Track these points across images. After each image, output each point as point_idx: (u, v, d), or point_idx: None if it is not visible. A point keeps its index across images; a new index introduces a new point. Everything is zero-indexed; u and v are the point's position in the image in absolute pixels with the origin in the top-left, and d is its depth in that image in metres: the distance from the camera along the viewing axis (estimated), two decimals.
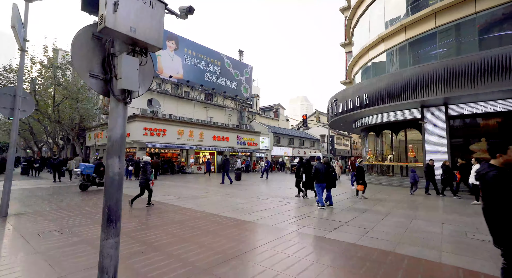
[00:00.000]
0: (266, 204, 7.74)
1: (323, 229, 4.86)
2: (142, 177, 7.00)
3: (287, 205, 7.63)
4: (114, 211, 2.12)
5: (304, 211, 6.73)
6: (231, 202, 8.03)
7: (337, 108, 16.26)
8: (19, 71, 5.78)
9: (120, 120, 2.19)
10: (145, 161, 7.25)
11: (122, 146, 2.20)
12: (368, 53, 16.43)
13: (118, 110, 2.20)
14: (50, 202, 7.55)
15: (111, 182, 2.12)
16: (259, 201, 8.31)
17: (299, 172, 9.14)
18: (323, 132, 46.30)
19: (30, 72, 17.33)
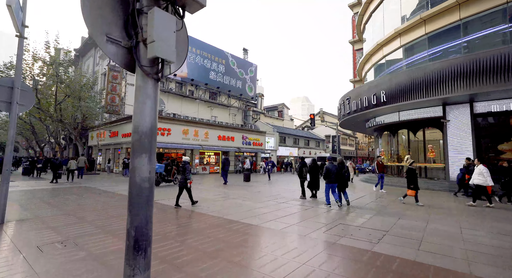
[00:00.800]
0: (285, 208, 7.10)
1: (365, 240, 4.22)
2: (182, 177, 7.05)
3: (309, 210, 6.98)
4: (144, 234, 1.49)
5: (332, 216, 6.08)
6: (248, 206, 7.39)
7: (350, 107, 15.60)
8: (17, 60, 5.17)
9: (150, 103, 1.57)
10: (185, 160, 7.27)
11: (153, 140, 1.57)
12: (382, 49, 15.76)
13: (147, 90, 1.57)
14: (53, 206, 6.93)
15: (139, 193, 1.49)
16: (277, 204, 7.66)
17: (302, 173, 8.93)
18: (328, 132, 45.62)
19: (32, 69, 16.76)
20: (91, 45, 33.91)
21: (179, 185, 7.13)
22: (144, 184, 1.50)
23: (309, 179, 8.50)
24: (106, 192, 9.93)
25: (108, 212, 6.18)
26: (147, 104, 1.55)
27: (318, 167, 8.63)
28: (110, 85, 21.42)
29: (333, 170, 7.39)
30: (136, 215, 1.46)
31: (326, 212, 6.66)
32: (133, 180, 1.49)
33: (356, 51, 25.00)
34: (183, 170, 7.05)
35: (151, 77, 1.58)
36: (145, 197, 1.50)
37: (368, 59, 18.03)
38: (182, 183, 7.06)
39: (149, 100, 1.57)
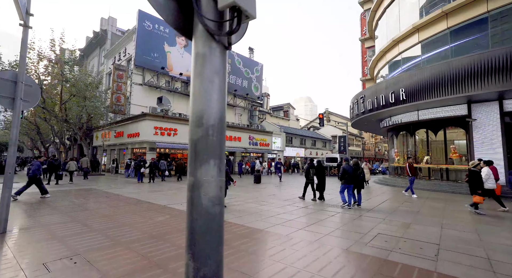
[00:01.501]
0: (309, 213, 6.54)
1: (421, 256, 3.64)
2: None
3: (334, 215, 6.41)
4: None
5: (364, 224, 5.50)
6: (268, 211, 6.84)
7: (365, 106, 14.97)
8: (21, 51, 4.66)
9: (218, 82, 1.02)
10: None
11: (222, 138, 1.02)
12: (398, 45, 15.12)
13: (213, 62, 1.03)
14: (58, 211, 6.43)
15: (207, 223, 0.94)
16: (297, 209, 7.10)
17: (309, 174, 8.87)
18: (334, 132, 44.93)
19: (37, 68, 16.39)
20: (95, 45, 33.66)
21: None
22: (214, 209, 0.95)
23: (316, 181, 8.50)
24: (113, 194, 9.44)
25: (118, 219, 5.66)
26: (215, 83, 1.01)
27: (324, 168, 8.74)
28: (116, 84, 21.01)
29: (349, 170, 7.44)
30: (203, 260, 0.90)
31: (355, 219, 6.08)
32: (197, 203, 0.94)
33: (366, 49, 24.33)
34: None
35: (219, 42, 1.02)
36: (216, 228, 0.95)
37: (381, 56, 17.38)
38: None
39: (218, 78, 1.02)
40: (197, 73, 1.01)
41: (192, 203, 0.96)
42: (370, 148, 52.99)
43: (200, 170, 0.95)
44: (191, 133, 0.99)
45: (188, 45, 26.63)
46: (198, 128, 0.98)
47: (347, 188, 7.47)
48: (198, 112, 0.99)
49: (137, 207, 7.09)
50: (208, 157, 0.96)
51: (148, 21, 23.49)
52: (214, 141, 0.98)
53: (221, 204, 0.99)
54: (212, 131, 0.98)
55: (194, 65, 1.03)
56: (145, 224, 5.24)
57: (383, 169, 28.13)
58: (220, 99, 1.02)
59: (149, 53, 23.37)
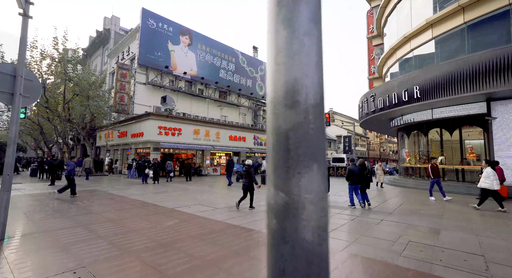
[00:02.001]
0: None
1: (471, 271, 3.22)
2: (247, 180, 7.02)
3: (354, 219, 5.99)
4: None
5: (389, 230, 5.08)
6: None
7: (375, 105, 14.52)
8: (20, 44, 4.30)
9: (317, 34, 0.61)
10: (248, 164, 7.27)
11: (322, 127, 0.61)
12: (409, 42, 14.65)
13: (309, 3, 0.61)
14: (61, 214, 6.09)
15: (306, 270, 0.53)
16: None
17: None
18: (339, 132, 44.44)
19: (40, 67, 16.13)
20: (99, 44, 33.50)
21: (243, 188, 7.10)
22: (321, 247, 0.55)
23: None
24: (118, 196, 9.09)
25: (124, 224, 5.29)
26: (313, 36, 0.61)
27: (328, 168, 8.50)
28: (119, 83, 20.75)
29: (355, 171, 7.56)
30: None
31: (377, 223, 5.66)
32: (292, 237, 0.55)
33: (374, 47, 23.84)
34: (248, 173, 7.02)
35: None
36: (321, 275, 0.55)
37: (391, 54, 16.91)
38: (247, 186, 7.03)
39: (316, 29, 0.62)
40: (283, 21, 0.61)
41: (281, 236, 0.56)
42: (375, 148, 52.38)
43: (298, 181, 0.56)
44: (279, 119, 0.59)
45: (192, 44, 26.33)
46: (291, 110, 0.58)
47: (354, 188, 7.68)
48: (288, 85, 0.59)
49: (143, 210, 6.72)
50: (310, 159, 0.57)
51: (152, 19, 23.21)
52: (316, 132, 0.58)
53: (328, 237, 0.59)
54: (313, 116, 0.58)
55: (277, 9, 0.63)
56: (153, 230, 4.86)
57: (390, 169, 27.59)
58: (320, 64, 0.62)
59: (152, 52, 23.08)
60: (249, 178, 7.02)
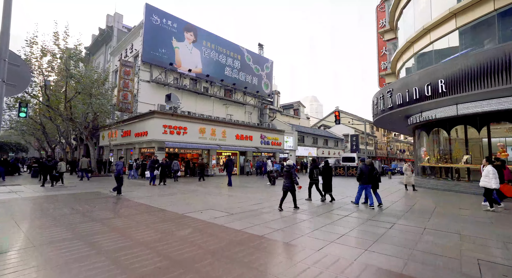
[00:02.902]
0: (360, 224, 5.36)
1: None
2: (288, 181, 6.91)
3: (392, 227, 5.21)
4: None
5: (448, 245, 4.29)
6: (312, 221, 5.69)
7: (392, 101, 13.67)
8: (3, 14, 3.57)
9: None
10: (289, 165, 7.12)
11: None
12: (428, 34, 13.76)
13: None
14: (61, 223, 5.39)
15: None
16: (339, 219, 5.92)
17: (312, 175, 8.67)
18: (346, 131, 43.50)
19: (40, 63, 15.52)
20: (101, 42, 32.95)
21: (283, 189, 7.00)
22: None
23: (321, 181, 8.46)
24: (121, 199, 8.39)
25: (130, 235, 4.58)
26: None
27: (331, 168, 8.59)
28: (122, 81, 20.09)
29: (365, 171, 7.48)
30: None
31: (423, 233, 4.86)
32: None
33: (385, 42, 22.91)
34: (289, 174, 6.90)
35: None
36: None
37: (407, 47, 16.01)
38: (288, 187, 6.91)
39: None
40: None
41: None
42: (382, 147, 51.30)
43: None
44: None
45: (196, 40, 25.64)
46: None
47: (365, 188, 7.64)
48: None
49: (151, 217, 6.00)
50: None
51: (156, 15, 22.55)
52: None
53: None
54: None
55: None
56: (163, 243, 4.14)
57: (401, 169, 26.67)
58: None
59: (156, 48, 22.43)
60: (290, 178, 6.88)
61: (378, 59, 25.83)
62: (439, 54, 13.25)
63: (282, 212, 6.74)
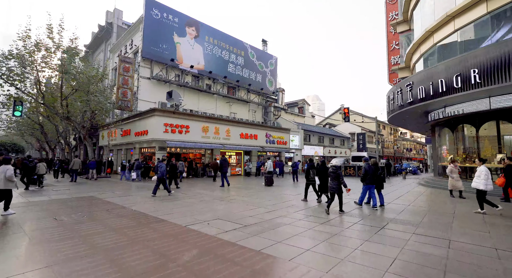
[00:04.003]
0: (389, 237, 4.29)
1: None
2: (335, 183, 6.70)
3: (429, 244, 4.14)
4: None
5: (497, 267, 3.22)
6: (343, 238, 4.63)
7: (412, 95, 12.55)
8: None
9: None
10: (336, 165, 6.85)
11: None
12: (453, 21, 12.59)
13: None
14: (37, 241, 4.38)
15: None
16: (364, 229, 4.86)
17: (309, 175, 8.53)
18: (352, 129, 42.31)
19: (32, 57, 14.55)
20: (101, 40, 32.01)
21: (330, 191, 6.83)
22: None
23: (318, 182, 8.13)
24: (117, 207, 7.37)
25: (120, 259, 3.54)
26: None
27: (327, 168, 8.17)
28: (122, 78, 19.10)
29: (370, 171, 7.30)
30: None
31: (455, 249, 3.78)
32: None
33: (398, 35, 21.71)
34: (336, 175, 6.66)
35: None
36: None
37: (427, 37, 14.84)
38: (335, 189, 6.66)
39: None
40: None
41: None
42: (389, 145, 50.02)
43: None
44: None
45: (198, 36, 24.61)
46: None
47: (369, 189, 7.47)
48: None
49: (148, 231, 4.96)
50: None
51: (156, 9, 21.55)
52: None
53: None
54: None
55: None
56: (165, 274, 3.09)
57: (414, 169, 25.48)
58: None
59: (157, 44, 21.43)
60: (338, 180, 6.64)
61: (388, 54, 24.68)
62: (466, 43, 12.10)
63: (329, 215, 6.42)
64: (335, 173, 6.70)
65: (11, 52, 14.36)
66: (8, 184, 6.06)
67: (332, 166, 6.88)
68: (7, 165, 6.16)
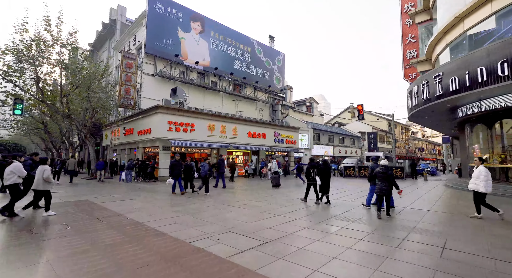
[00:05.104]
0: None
1: None
2: (384, 184, 6.17)
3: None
4: None
5: None
6: (400, 265, 3.46)
7: (442, 87, 11.22)
8: None
9: None
10: (386, 165, 6.36)
11: None
12: (490, 3, 11.21)
13: None
14: (5, 263, 3.34)
15: None
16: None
17: (309, 175, 8.15)
18: (362, 128, 40.78)
19: (29, 51, 13.73)
20: (105, 37, 31.36)
21: (377, 193, 6.33)
22: None
23: (319, 182, 7.84)
24: (109, 213, 6.32)
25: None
26: None
27: (329, 168, 8.08)
28: (124, 75, 18.26)
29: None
30: None
31: None
32: None
33: (416, 26, 20.29)
34: (386, 176, 6.16)
35: None
36: None
37: (454, 25, 13.46)
38: (385, 190, 6.14)
39: None
40: None
41: None
42: (400, 145, 48.22)
43: None
44: None
45: (204, 31, 23.62)
46: None
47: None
48: None
49: (142, 250, 3.88)
50: None
51: (160, 3, 20.64)
52: None
53: None
54: None
55: None
56: None
57: (432, 169, 23.96)
58: None
59: (161, 39, 20.52)
60: (388, 181, 6.15)
61: (403, 48, 23.27)
62: (506, 26, 10.71)
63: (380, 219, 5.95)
64: (385, 173, 6.16)
65: (8, 47, 13.57)
66: (46, 184, 6.03)
67: (381, 165, 6.34)
68: (44, 165, 6.10)
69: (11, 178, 5.81)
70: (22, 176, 5.96)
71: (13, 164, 5.94)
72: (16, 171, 5.85)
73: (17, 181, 5.87)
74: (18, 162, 6.09)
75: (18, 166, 5.94)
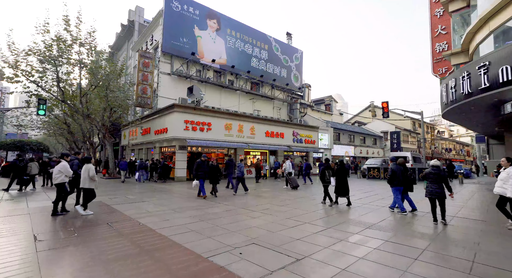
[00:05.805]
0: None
1: None
2: (436, 186, 5.54)
3: None
4: None
5: None
6: None
7: (489, 79, 9.87)
8: None
9: None
10: (437, 165, 5.75)
11: None
12: None
13: None
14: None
15: None
16: None
17: (324, 176, 7.87)
18: (384, 128, 38.71)
19: (51, 51, 13.87)
20: (124, 39, 31.93)
21: (428, 196, 5.68)
22: None
23: (333, 183, 7.67)
24: (122, 218, 5.85)
25: None
26: None
27: (346, 169, 7.79)
28: (141, 74, 18.19)
29: (398, 172, 6.72)
30: None
31: None
32: None
33: (450, 16, 18.58)
34: (439, 177, 5.55)
35: None
36: None
37: (499, 10, 11.93)
38: (438, 193, 5.55)
39: None
40: None
41: None
42: (426, 145, 45.35)
43: None
44: None
45: (220, 29, 23.22)
46: None
47: (398, 191, 6.80)
48: None
49: (151, 268, 3.27)
50: None
51: (176, 1, 20.45)
52: None
53: None
54: None
55: None
56: None
57: (466, 171, 21.97)
58: None
59: (177, 38, 20.32)
60: (441, 182, 5.58)
61: (432, 41, 21.57)
62: None
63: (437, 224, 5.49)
64: (437, 174, 5.61)
65: (31, 48, 13.79)
66: (92, 183, 6.15)
67: (432, 166, 5.82)
68: (88, 164, 6.17)
69: (59, 177, 5.93)
70: (68, 175, 6.06)
71: (61, 164, 6.05)
72: (64, 171, 5.97)
73: (64, 180, 5.99)
74: (65, 162, 6.15)
75: (65, 165, 6.04)
